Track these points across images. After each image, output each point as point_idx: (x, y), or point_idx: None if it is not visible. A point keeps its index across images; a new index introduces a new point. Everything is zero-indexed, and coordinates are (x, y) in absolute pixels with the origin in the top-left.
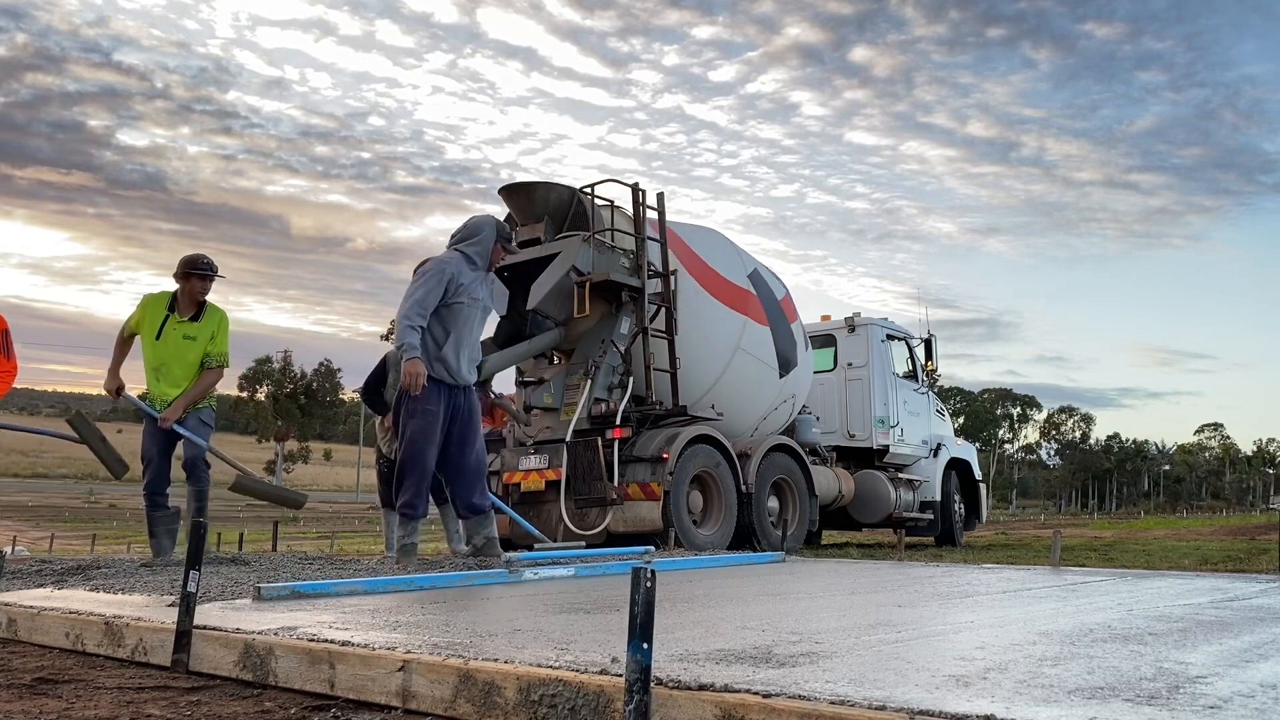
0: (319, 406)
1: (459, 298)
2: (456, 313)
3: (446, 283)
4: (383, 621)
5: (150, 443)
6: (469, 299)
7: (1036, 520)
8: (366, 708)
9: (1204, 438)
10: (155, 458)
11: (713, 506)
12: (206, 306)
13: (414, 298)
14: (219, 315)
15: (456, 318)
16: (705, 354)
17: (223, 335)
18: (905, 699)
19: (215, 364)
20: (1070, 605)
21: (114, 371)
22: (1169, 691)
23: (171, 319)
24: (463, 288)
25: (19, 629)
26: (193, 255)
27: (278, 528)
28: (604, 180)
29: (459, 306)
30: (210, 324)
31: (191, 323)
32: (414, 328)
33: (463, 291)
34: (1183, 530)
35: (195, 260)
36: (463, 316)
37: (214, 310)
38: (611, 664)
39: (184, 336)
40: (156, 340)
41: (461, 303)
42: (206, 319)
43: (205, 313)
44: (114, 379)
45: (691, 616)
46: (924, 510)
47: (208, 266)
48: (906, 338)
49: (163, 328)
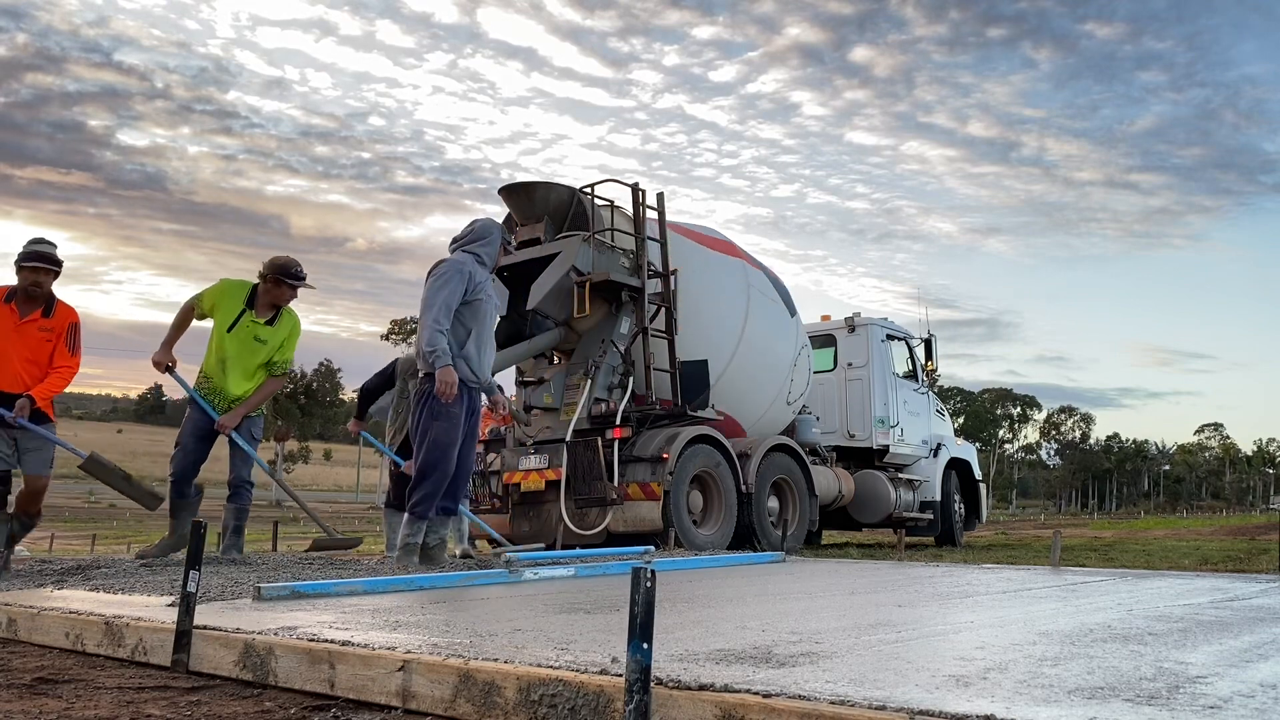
0: (319, 406)
1: (478, 295)
2: (477, 310)
3: (467, 281)
4: (383, 621)
5: (192, 429)
6: (486, 297)
7: (1036, 520)
8: (366, 708)
9: (1204, 438)
10: (192, 446)
11: (713, 506)
12: (283, 310)
13: (439, 299)
14: (293, 322)
15: (477, 315)
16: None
17: (292, 343)
18: (905, 699)
19: (280, 371)
20: (1070, 605)
21: (168, 345)
22: (1169, 691)
23: (248, 315)
24: (480, 285)
25: (19, 629)
26: (284, 260)
27: (277, 528)
28: (604, 180)
29: (478, 304)
30: (283, 330)
31: (266, 326)
32: (441, 331)
33: (481, 289)
34: (1183, 530)
35: (287, 266)
36: (482, 314)
37: (289, 315)
38: (611, 664)
39: (255, 338)
40: (228, 333)
41: (481, 300)
42: (281, 324)
43: (280, 317)
44: (166, 353)
45: (691, 616)
46: (924, 510)
47: (299, 277)
48: (906, 338)
49: (237, 321)
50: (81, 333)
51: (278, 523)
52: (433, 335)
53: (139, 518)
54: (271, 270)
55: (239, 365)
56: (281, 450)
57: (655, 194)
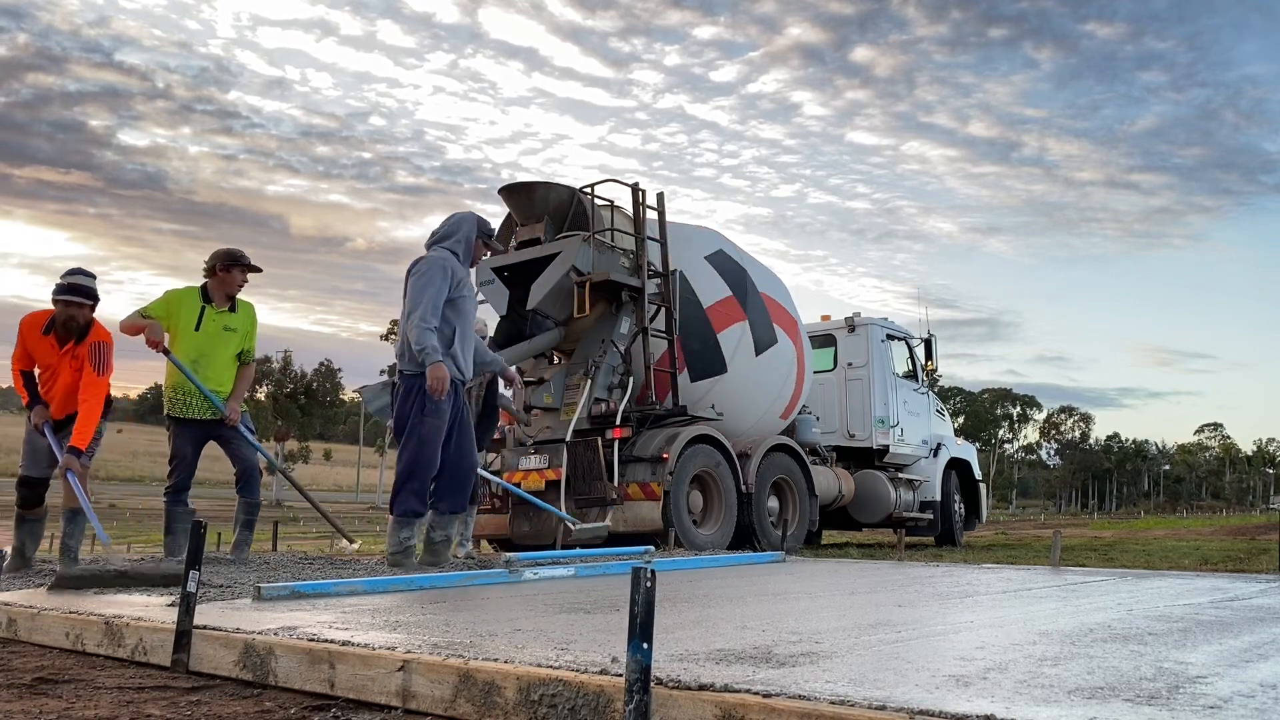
0: (319, 406)
1: (461, 291)
2: (459, 307)
3: (450, 278)
4: (383, 621)
5: (184, 442)
6: (468, 293)
7: (1036, 520)
8: (366, 708)
9: (1204, 438)
10: (189, 458)
11: (713, 506)
12: (238, 300)
13: (425, 297)
14: (251, 308)
15: (459, 312)
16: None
17: (254, 331)
18: (905, 699)
19: (250, 359)
20: (1070, 605)
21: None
22: (1169, 691)
23: (209, 309)
24: (461, 282)
25: (19, 629)
26: (231, 249)
27: (277, 528)
28: (604, 180)
29: (461, 301)
30: (247, 316)
31: (230, 314)
32: (430, 329)
33: (463, 285)
34: (1183, 530)
35: (233, 253)
36: (464, 311)
37: (245, 304)
38: (611, 664)
39: (224, 328)
40: (196, 331)
41: (464, 296)
42: (241, 311)
43: (239, 306)
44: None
45: (691, 616)
46: (924, 510)
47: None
48: (906, 338)
49: (201, 318)
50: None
51: (278, 523)
52: (422, 333)
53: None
54: (221, 260)
55: (216, 360)
56: (281, 450)
57: (655, 194)
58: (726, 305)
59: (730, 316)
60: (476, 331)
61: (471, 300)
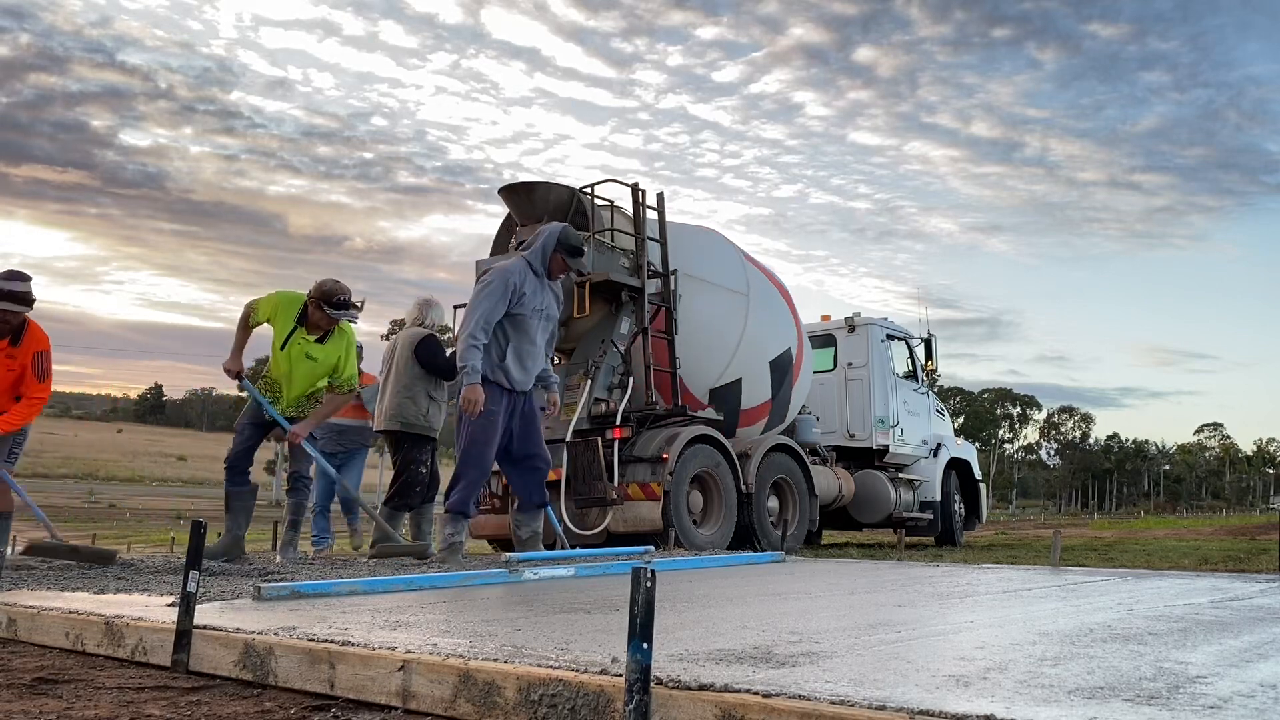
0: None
1: (521, 308)
2: (518, 323)
3: (510, 293)
4: (383, 621)
5: (250, 417)
6: (531, 310)
7: (1036, 520)
8: (366, 708)
9: (1204, 438)
10: (249, 433)
11: (713, 506)
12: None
13: (479, 312)
14: (347, 338)
15: (518, 328)
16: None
17: (350, 359)
18: (905, 699)
19: (346, 389)
20: (1070, 605)
21: (237, 353)
22: (1169, 691)
23: (299, 333)
24: (524, 298)
25: (19, 629)
26: (329, 285)
27: (277, 528)
28: (604, 180)
29: (520, 318)
30: (337, 347)
31: (316, 344)
32: (477, 347)
33: (524, 302)
34: (1183, 530)
35: (330, 294)
36: (524, 327)
37: (342, 332)
38: (611, 664)
39: (306, 355)
40: (281, 350)
41: (523, 314)
42: (333, 341)
43: (332, 334)
44: (236, 361)
45: (691, 616)
46: (924, 510)
47: (339, 305)
48: (906, 337)
49: (289, 338)
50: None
51: (278, 523)
52: (466, 350)
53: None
54: (313, 294)
55: (294, 384)
56: (281, 450)
57: (655, 194)
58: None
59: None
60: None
61: (539, 316)
